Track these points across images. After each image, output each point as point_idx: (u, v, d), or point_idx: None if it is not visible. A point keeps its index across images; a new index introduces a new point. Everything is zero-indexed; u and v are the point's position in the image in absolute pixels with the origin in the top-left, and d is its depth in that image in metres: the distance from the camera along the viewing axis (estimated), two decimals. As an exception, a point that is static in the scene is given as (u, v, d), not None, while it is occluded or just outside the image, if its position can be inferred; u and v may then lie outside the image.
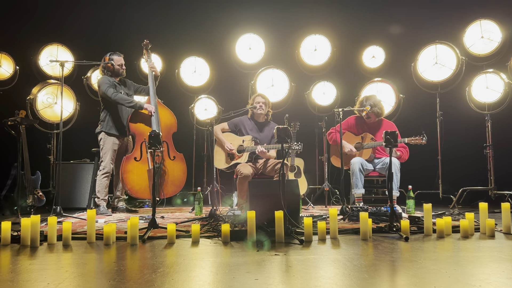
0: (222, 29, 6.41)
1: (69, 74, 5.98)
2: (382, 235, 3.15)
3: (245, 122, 4.79)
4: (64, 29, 6.26)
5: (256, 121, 4.80)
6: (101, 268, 2.23)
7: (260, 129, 4.76)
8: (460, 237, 3.09)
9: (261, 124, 4.80)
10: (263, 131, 4.76)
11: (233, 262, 2.34)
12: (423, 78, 5.85)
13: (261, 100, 4.75)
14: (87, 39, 6.24)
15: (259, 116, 4.77)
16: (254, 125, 4.78)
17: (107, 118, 4.70)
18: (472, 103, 5.65)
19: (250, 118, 4.84)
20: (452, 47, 5.70)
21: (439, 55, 5.76)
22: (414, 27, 6.29)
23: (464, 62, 5.66)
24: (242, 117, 4.84)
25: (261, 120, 4.80)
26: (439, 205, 5.53)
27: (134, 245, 2.82)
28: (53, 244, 2.86)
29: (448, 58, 5.73)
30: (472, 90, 5.61)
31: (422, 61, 5.87)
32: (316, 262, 2.34)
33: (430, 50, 5.83)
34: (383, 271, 2.10)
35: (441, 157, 5.85)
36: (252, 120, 4.81)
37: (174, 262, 2.32)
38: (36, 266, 2.26)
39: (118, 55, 4.78)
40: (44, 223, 3.47)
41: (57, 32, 6.17)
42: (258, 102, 4.73)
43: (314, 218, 3.73)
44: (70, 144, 5.47)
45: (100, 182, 4.63)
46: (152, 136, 3.30)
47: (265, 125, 4.81)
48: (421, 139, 4.41)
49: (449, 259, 2.42)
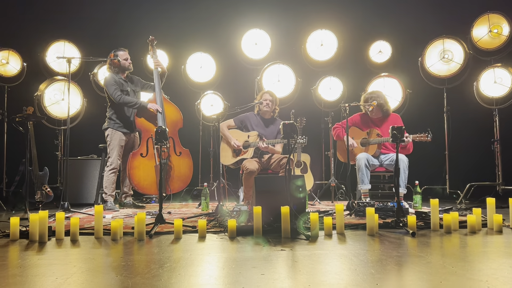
0: (228, 24, 6.40)
1: (76, 71, 6.00)
2: (389, 231, 3.14)
3: (251, 118, 4.80)
4: (71, 26, 6.29)
5: (262, 117, 4.80)
6: (109, 263, 2.25)
7: (266, 125, 4.76)
8: (467, 233, 3.07)
9: (267, 120, 4.80)
10: (269, 127, 4.76)
11: (240, 257, 2.34)
12: (431, 72, 5.80)
13: (269, 97, 4.74)
14: (94, 35, 6.26)
15: (265, 113, 4.77)
16: (260, 121, 4.78)
17: (114, 114, 4.72)
18: (479, 98, 5.60)
19: (257, 114, 4.84)
20: (460, 42, 5.65)
21: (446, 50, 5.71)
22: (421, 22, 6.24)
23: (471, 57, 5.61)
24: (248, 113, 4.84)
25: (267, 116, 4.80)
26: (446, 200, 5.51)
27: (141, 241, 2.83)
28: (61, 240, 2.88)
29: (455, 52, 5.67)
30: (480, 85, 5.56)
31: (430, 56, 5.81)
32: (323, 257, 2.34)
33: (438, 44, 5.78)
34: (390, 267, 2.10)
35: (448, 152, 5.82)
36: (258, 116, 4.82)
37: (180, 257, 2.33)
38: (45, 261, 2.28)
39: (122, 50, 4.79)
40: (52, 219, 3.49)
41: (64, 28, 6.20)
42: (266, 99, 4.73)
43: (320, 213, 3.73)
44: (77, 140, 5.51)
45: (107, 178, 4.65)
46: (159, 132, 3.31)
47: (271, 121, 4.81)
48: (426, 136, 4.38)
49: (456, 254, 2.41)
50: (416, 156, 4.76)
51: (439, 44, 5.77)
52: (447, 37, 5.72)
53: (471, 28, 5.66)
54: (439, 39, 5.77)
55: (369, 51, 6.27)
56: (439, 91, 5.88)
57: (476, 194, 5.46)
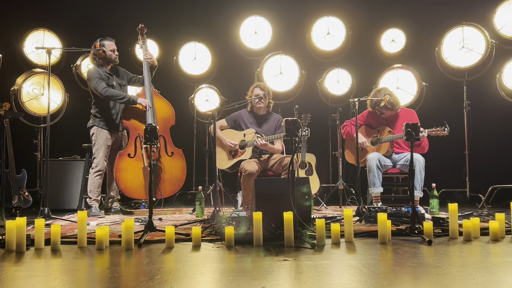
0: (225, 11, 6.39)
1: (57, 63, 5.99)
2: (403, 239, 3.14)
3: (244, 116, 4.77)
4: (51, 13, 6.28)
5: (256, 114, 4.78)
6: (93, 275, 2.24)
7: (261, 122, 4.73)
8: (490, 241, 3.07)
9: (261, 116, 4.77)
10: (264, 124, 4.73)
11: (238, 268, 2.34)
12: (449, 64, 5.80)
13: (260, 92, 4.70)
14: (77, 23, 6.25)
15: (259, 109, 4.75)
16: (254, 118, 4.76)
17: (99, 111, 4.71)
18: (503, 91, 5.60)
19: (250, 111, 4.81)
20: (481, 29, 5.64)
21: (466, 38, 5.70)
22: (438, 8, 6.23)
23: (494, 46, 5.60)
24: (240, 111, 4.83)
25: (261, 112, 4.78)
26: (466, 205, 5.51)
27: (129, 250, 2.83)
28: (40, 249, 2.87)
29: (476, 41, 5.67)
30: (503, 77, 5.56)
31: (447, 45, 5.81)
32: (329, 268, 2.33)
33: (456, 32, 5.77)
34: (404, 278, 2.09)
35: (469, 151, 5.81)
36: (252, 113, 4.79)
37: (173, 269, 2.33)
38: (23, 273, 2.27)
39: (109, 40, 4.78)
40: (31, 226, 3.49)
41: (44, 16, 6.18)
42: (257, 95, 4.69)
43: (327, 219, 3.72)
44: (59, 140, 5.50)
45: (92, 181, 4.65)
46: (148, 130, 3.30)
47: (266, 117, 4.78)
48: (443, 130, 4.37)
49: (477, 264, 2.41)
50: (433, 156, 4.75)
51: (458, 32, 5.76)
52: (467, 24, 5.72)
53: (493, 15, 5.65)
54: (458, 27, 5.76)
55: (380, 40, 6.26)
56: (458, 84, 5.87)
57: (500, 198, 5.45)
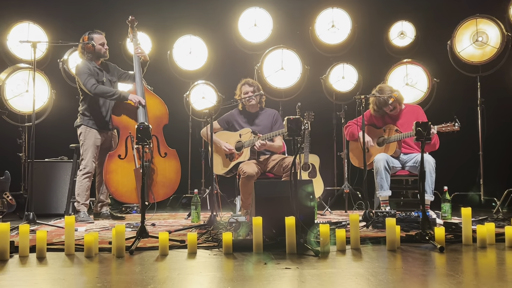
0: (223, 2, 6.39)
1: (43, 57, 5.99)
2: (413, 245, 3.14)
3: (237, 116, 4.76)
4: (37, 4, 6.27)
5: (249, 112, 4.76)
6: (82, 285, 2.25)
7: (254, 121, 4.72)
8: (506, 247, 3.07)
9: (254, 114, 4.76)
10: (259, 122, 4.71)
11: (237, 276, 2.35)
12: (462, 58, 5.81)
13: (249, 89, 4.69)
14: (64, 15, 6.25)
15: (251, 107, 4.74)
16: (247, 117, 4.74)
17: (88, 108, 4.72)
18: (520, 88, 5.62)
19: (242, 110, 4.80)
20: (496, 22, 5.65)
21: (480, 32, 5.72)
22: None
23: (510, 39, 5.61)
24: (232, 111, 4.83)
25: (254, 110, 4.77)
26: (481, 209, 5.51)
27: (120, 258, 2.83)
28: (25, 257, 2.87)
29: (491, 34, 5.68)
30: (520, 72, 5.58)
31: (460, 39, 5.82)
32: (334, 277, 2.34)
33: (470, 25, 5.78)
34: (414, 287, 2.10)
35: (483, 152, 5.82)
36: (243, 112, 4.77)
37: (167, 277, 2.33)
38: (6, 282, 2.27)
39: (98, 33, 4.79)
40: (15, 232, 3.49)
41: (29, 7, 6.18)
42: (246, 92, 4.67)
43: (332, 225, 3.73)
44: (45, 140, 5.49)
45: (81, 183, 4.65)
46: (140, 129, 3.31)
47: (260, 114, 4.77)
48: (453, 125, 4.35)
49: (492, 273, 2.42)
50: (445, 156, 4.76)
51: (471, 25, 5.77)
52: (481, 16, 5.73)
53: (509, 6, 5.67)
54: (471, 19, 5.77)
55: (389, 33, 6.28)
56: (472, 80, 5.88)
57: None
